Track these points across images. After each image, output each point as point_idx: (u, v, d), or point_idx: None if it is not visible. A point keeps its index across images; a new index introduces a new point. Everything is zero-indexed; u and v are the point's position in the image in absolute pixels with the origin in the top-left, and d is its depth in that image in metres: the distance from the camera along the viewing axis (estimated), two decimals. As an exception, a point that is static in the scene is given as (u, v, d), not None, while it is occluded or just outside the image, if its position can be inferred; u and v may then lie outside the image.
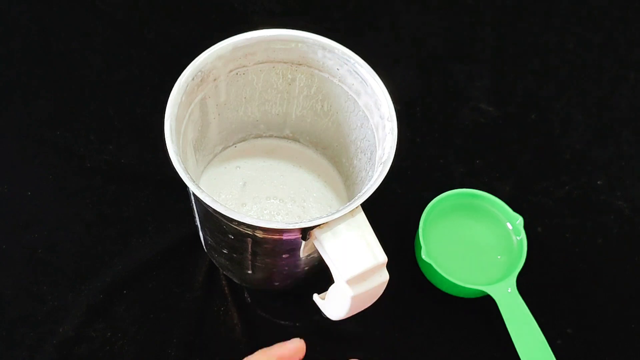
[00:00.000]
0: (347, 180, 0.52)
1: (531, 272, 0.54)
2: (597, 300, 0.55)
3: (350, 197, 0.51)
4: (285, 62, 0.47)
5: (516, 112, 0.64)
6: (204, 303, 0.53)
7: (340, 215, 0.39)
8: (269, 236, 0.41)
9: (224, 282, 0.53)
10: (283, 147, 0.54)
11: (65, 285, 0.53)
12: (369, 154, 0.46)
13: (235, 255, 0.46)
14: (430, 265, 0.52)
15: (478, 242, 0.55)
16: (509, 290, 0.52)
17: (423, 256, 0.52)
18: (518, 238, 0.54)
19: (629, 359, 0.53)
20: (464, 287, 0.52)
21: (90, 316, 0.51)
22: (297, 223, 0.38)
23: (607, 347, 0.54)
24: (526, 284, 0.53)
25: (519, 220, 0.54)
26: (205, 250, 0.52)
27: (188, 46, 0.50)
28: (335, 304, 0.42)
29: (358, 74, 0.45)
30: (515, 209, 0.55)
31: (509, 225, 0.55)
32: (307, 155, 0.53)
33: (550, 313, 0.54)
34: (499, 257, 0.54)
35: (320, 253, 0.40)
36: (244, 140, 0.53)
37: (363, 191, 0.40)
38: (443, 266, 0.52)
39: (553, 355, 0.49)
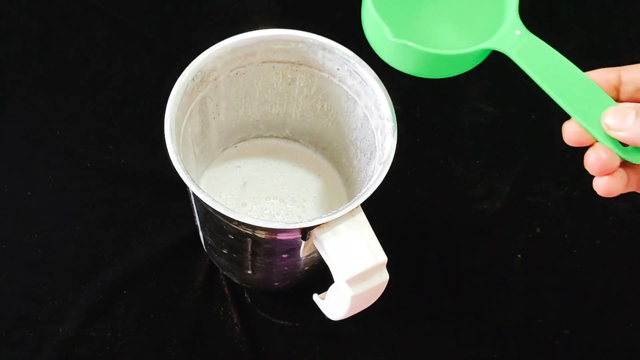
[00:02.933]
0: (347, 180, 0.52)
1: (529, 272, 0.55)
2: (594, 301, 0.55)
3: (350, 197, 0.51)
4: (285, 62, 0.47)
5: (516, 112, 0.64)
6: (204, 303, 0.53)
7: (340, 215, 0.39)
8: (269, 236, 0.41)
9: (224, 282, 0.53)
10: (283, 147, 0.54)
11: (65, 285, 0.53)
12: (369, 154, 0.46)
13: (235, 255, 0.46)
14: (404, 46, 0.36)
15: None
16: (518, 33, 0.39)
17: (390, 37, 0.36)
18: None
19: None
20: (459, 56, 0.37)
21: (90, 316, 0.51)
22: (297, 223, 0.38)
23: (605, 347, 0.54)
24: (524, 284, 0.53)
25: None
26: (205, 250, 0.52)
27: (188, 46, 0.50)
28: (335, 304, 0.42)
29: (358, 74, 0.45)
30: (515, 209, 0.55)
31: None
32: (307, 155, 0.53)
33: (548, 314, 0.54)
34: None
35: (320, 253, 0.40)
36: (244, 140, 0.53)
37: (363, 191, 0.40)
38: (418, 40, 0.36)
39: (602, 91, 0.37)
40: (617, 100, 0.36)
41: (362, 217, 0.39)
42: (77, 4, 0.66)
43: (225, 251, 0.46)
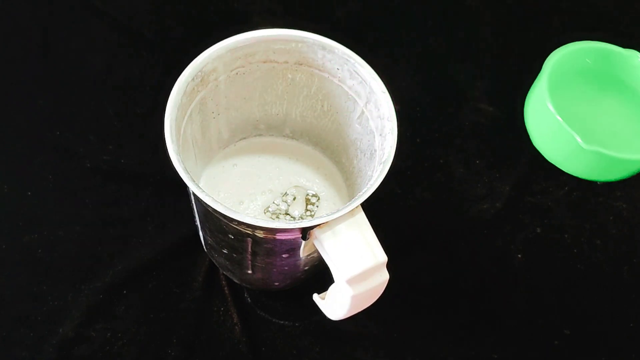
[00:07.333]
0: (348, 180, 0.52)
1: (529, 272, 0.55)
2: (595, 301, 0.55)
3: (351, 197, 0.51)
4: (285, 62, 0.47)
5: (516, 112, 0.64)
6: (204, 303, 0.53)
7: (340, 215, 0.39)
8: (269, 236, 0.41)
9: (224, 282, 0.53)
10: (283, 146, 0.54)
11: (65, 285, 0.53)
12: (369, 154, 0.46)
13: (235, 255, 0.46)
14: (596, 152, 0.37)
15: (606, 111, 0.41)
16: None
17: (582, 145, 0.37)
18: None
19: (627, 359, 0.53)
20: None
21: (90, 316, 0.51)
22: (297, 223, 0.38)
23: (605, 347, 0.54)
24: (524, 284, 0.53)
25: None
26: (205, 250, 0.52)
27: (188, 46, 0.50)
28: (335, 303, 0.42)
29: (358, 74, 0.45)
30: (514, 209, 0.55)
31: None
32: (307, 155, 0.53)
33: (548, 314, 0.54)
34: None
35: (320, 253, 0.40)
36: (244, 139, 0.53)
37: (363, 191, 0.40)
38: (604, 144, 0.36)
39: None
40: None
41: (362, 216, 0.39)
42: (77, 4, 0.66)
43: (225, 251, 0.46)
